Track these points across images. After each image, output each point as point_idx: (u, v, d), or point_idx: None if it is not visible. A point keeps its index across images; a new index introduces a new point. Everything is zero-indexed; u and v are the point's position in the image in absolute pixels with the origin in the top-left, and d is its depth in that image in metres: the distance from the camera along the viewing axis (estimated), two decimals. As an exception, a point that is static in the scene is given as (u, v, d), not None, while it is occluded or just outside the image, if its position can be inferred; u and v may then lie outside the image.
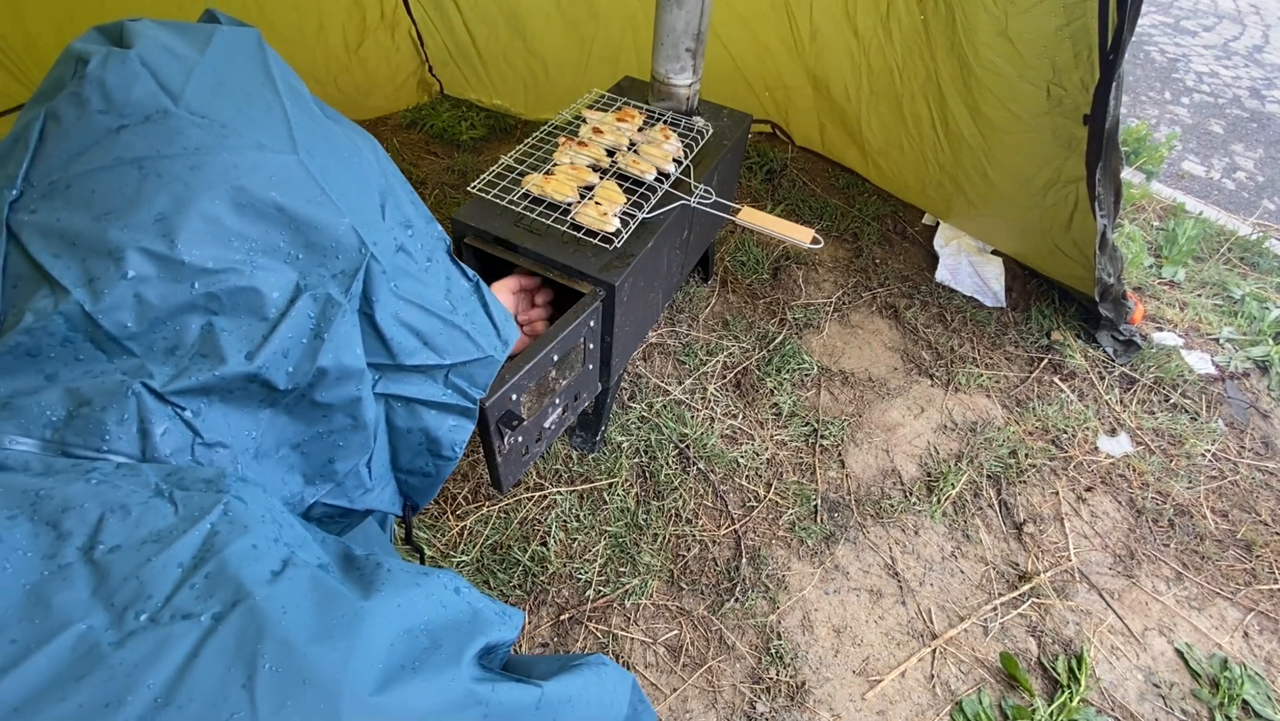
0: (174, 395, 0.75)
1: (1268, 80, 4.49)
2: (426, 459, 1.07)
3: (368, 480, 1.02)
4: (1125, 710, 1.61)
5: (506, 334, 1.12)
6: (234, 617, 0.58)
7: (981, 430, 2.15)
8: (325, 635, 0.62)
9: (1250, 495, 2.06)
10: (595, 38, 2.93)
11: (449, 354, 1.02)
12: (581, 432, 1.98)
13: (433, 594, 0.74)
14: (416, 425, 1.04)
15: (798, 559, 1.82)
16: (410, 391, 1.01)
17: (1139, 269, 2.76)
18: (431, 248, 1.05)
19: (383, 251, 0.92)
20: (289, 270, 0.82)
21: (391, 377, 0.98)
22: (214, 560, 0.61)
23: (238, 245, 0.79)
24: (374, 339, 0.93)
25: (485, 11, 2.95)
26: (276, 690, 0.55)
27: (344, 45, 2.95)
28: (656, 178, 1.76)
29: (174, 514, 0.64)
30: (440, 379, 1.04)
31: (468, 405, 1.06)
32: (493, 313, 1.12)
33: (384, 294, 0.93)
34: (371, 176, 0.97)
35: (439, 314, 1.01)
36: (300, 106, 0.91)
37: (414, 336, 0.98)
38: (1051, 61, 1.94)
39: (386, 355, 0.95)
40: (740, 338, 2.35)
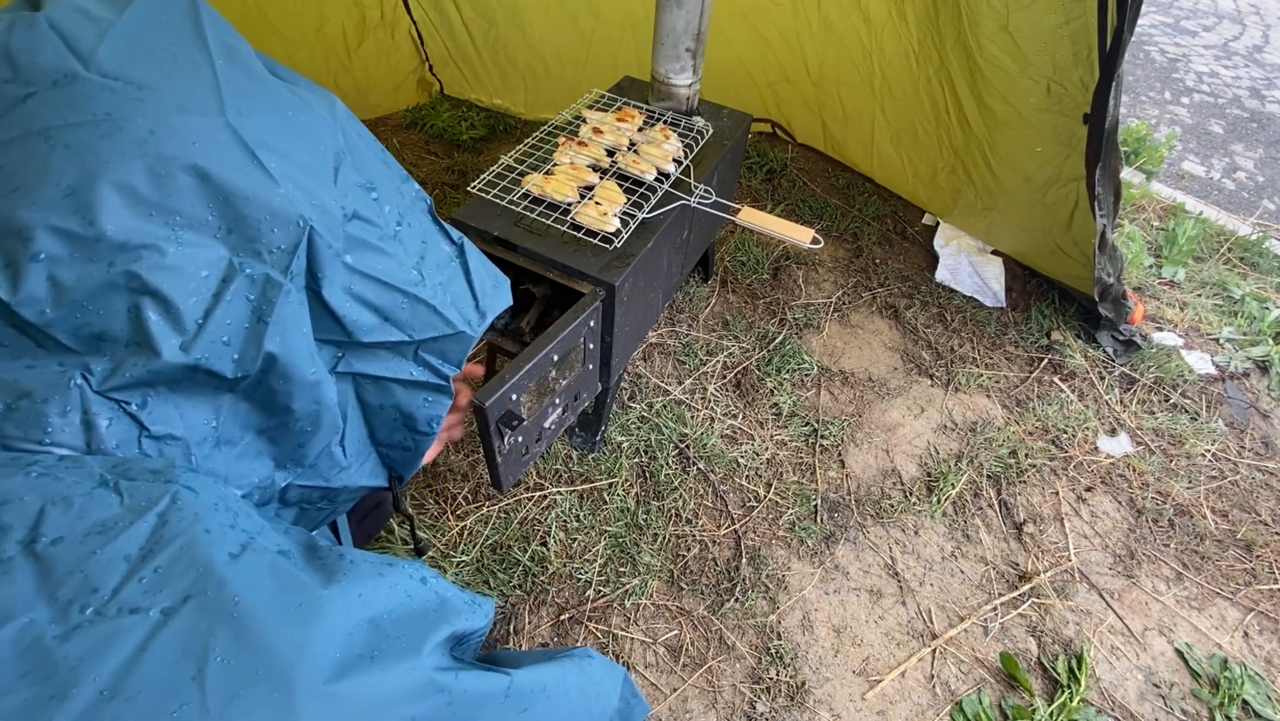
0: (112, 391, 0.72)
1: (1268, 80, 4.49)
2: (404, 434, 1.04)
3: (342, 459, 0.99)
4: (1125, 710, 1.61)
5: (487, 304, 1.05)
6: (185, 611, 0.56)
7: (981, 430, 2.15)
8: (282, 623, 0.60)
9: (1250, 495, 2.06)
10: (595, 32, 2.93)
11: (414, 330, 0.95)
12: (581, 432, 1.98)
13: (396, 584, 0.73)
14: (389, 402, 1.00)
15: (798, 559, 1.82)
16: (376, 369, 0.96)
17: (1139, 269, 2.76)
18: (404, 210, 0.98)
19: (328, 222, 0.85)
20: (219, 247, 0.75)
21: (355, 355, 0.93)
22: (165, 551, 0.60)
23: (158, 219, 0.72)
24: (326, 317, 0.87)
25: (484, 7, 2.94)
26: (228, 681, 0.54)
27: (344, 45, 2.95)
28: (656, 178, 1.76)
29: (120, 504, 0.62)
30: (409, 355, 0.98)
31: (441, 382, 1.02)
32: (474, 281, 1.05)
33: (333, 268, 0.86)
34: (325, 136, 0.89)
35: (402, 287, 0.93)
36: (235, 64, 0.83)
37: (371, 312, 0.91)
38: (1052, 58, 1.94)
39: (342, 333, 0.89)
40: (740, 338, 2.35)
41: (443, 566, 1.70)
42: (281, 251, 0.80)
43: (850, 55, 2.67)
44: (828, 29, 2.65)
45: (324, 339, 0.89)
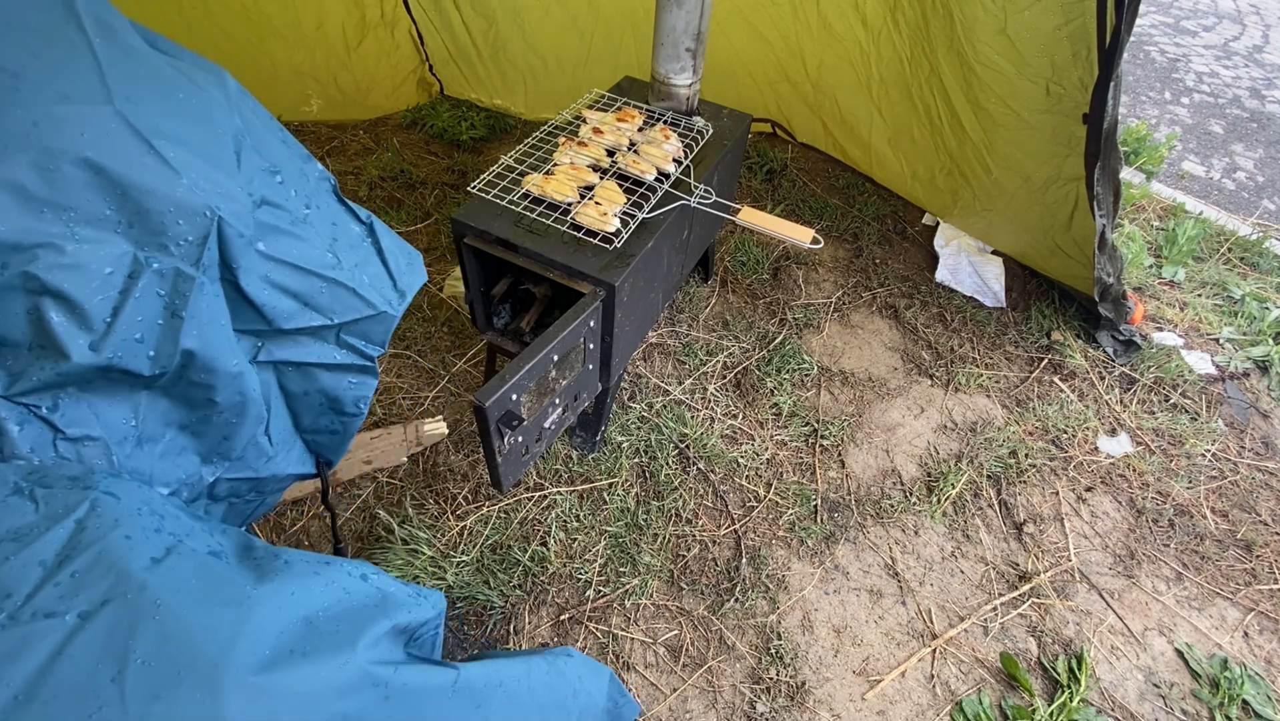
0: (19, 396, 0.70)
1: (1268, 80, 4.49)
2: (330, 417, 1.02)
3: (269, 448, 0.97)
4: (1125, 710, 1.61)
5: (405, 283, 1.04)
6: (103, 615, 0.56)
7: (981, 430, 2.15)
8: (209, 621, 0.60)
9: (1250, 495, 2.06)
10: (595, 32, 2.93)
11: (335, 313, 0.93)
12: (581, 432, 1.98)
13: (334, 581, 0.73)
14: (313, 387, 0.98)
15: (798, 559, 1.82)
16: (299, 355, 0.94)
17: (1139, 269, 2.76)
18: (310, 192, 0.94)
19: (237, 210, 0.81)
20: (121, 242, 0.72)
21: (275, 343, 0.91)
22: (82, 556, 0.59)
23: (51, 215, 0.68)
24: (244, 306, 0.85)
25: (485, 7, 2.94)
26: (150, 681, 0.54)
27: (344, 44, 2.95)
28: (656, 178, 1.76)
29: (35, 511, 0.62)
30: (331, 339, 0.96)
31: (366, 363, 1.01)
32: (388, 260, 1.02)
33: (247, 257, 0.83)
34: (220, 118, 0.83)
35: (319, 271, 0.90)
36: (114, 43, 0.76)
37: (290, 298, 0.88)
38: (1051, 60, 1.94)
39: (262, 322, 0.87)
40: (740, 337, 2.35)
41: (443, 566, 1.70)
42: (190, 244, 0.76)
43: (849, 56, 2.68)
44: (827, 30, 2.65)
45: (243, 329, 0.87)
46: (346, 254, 0.96)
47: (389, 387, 2.09)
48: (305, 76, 2.95)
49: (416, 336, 2.23)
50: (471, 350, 2.21)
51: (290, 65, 2.89)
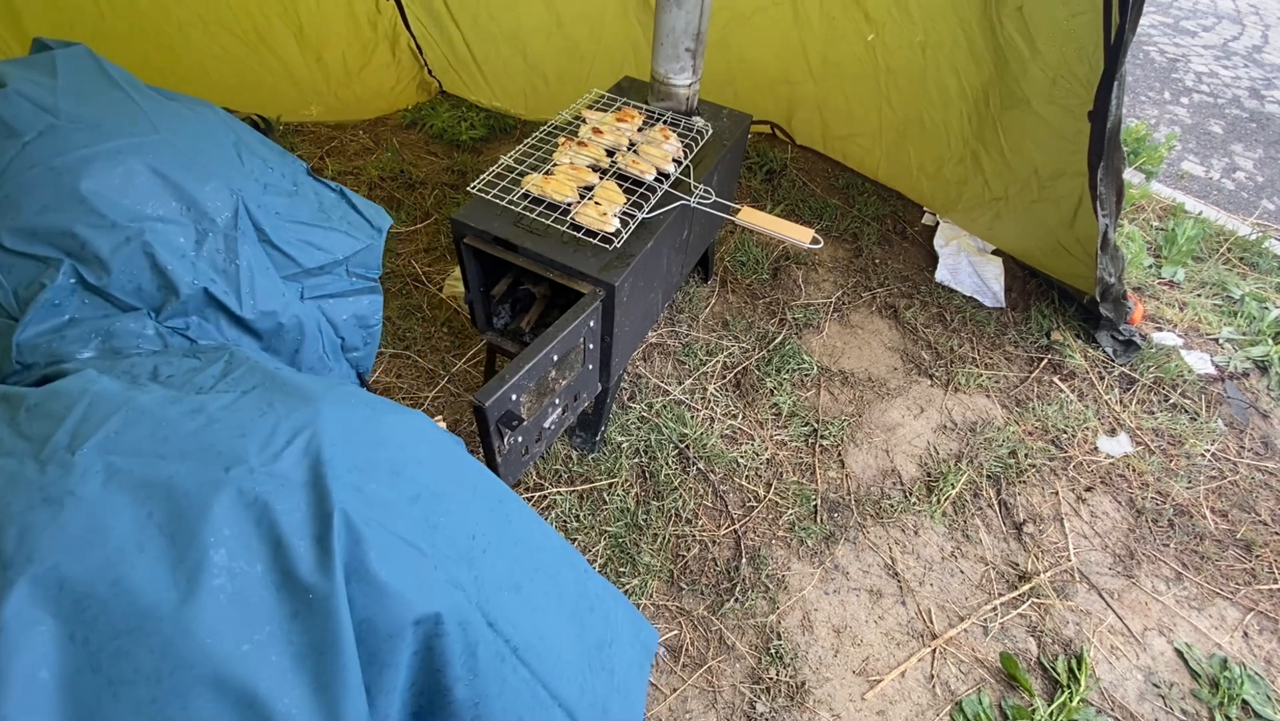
0: (167, 322, 1.14)
1: (1267, 80, 4.49)
2: (360, 333, 1.48)
3: (329, 361, 1.41)
4: (1125, 710, 1.61)
5: (379, 223, 1.48)
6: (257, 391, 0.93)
7: (981, 430, 2.15)
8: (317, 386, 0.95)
9: (1250, 495, 2.06)
10: (596, 56, 2.94)
11: (338, 249, 1.36)
12: (581, 432, 1.97)
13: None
14: (348, 312, 1.43)
15: (798, 559, 1.82)
16: (328, 289, 1.37)
17: (1139, 269, 2.76)
18: (294, 175, 1.38)
19: (251, 192, 1.25)
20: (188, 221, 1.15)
21: (310, 284, 1.34)
22: (236, 371, 0.97)
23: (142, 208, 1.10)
24: (280, 256, 1.29)
25: (486, 30, 2.95)
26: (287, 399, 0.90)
27: (344, 69, 2.97)
28: (656, 178, 1.76)
29: (199, 361, 1.01)
30: (342, 273, 1.39)
31: (372, 284, 1.46)
32: (361, 209, 1.47)
33: (271, 222, 1.26)
34: (221, 134, 1.30)
35: (318, 224, 1.34)
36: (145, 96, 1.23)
37: (307, 245, 1.31)
38: (1060, 52, 1.96)
39: (294, 265, 1.30)
40: (740, 337, 2.35)
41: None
42: (228, 219, 1.21)
43: (853, 51, 2.67)
44: (830, 27, 2.65)
45: (286, 275, 1.30)
46: (332, 211, 1.38)
47: (389, 387, 2.09)
48: (308, 91, 2.96)
49: (416, 336, 2.23)
50: (471, 350, 2.21)
51: (291, 81, 2.90)
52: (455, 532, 0.91)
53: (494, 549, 0.96)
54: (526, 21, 2.88)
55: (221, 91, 2.73)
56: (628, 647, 1.21)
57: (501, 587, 0.93)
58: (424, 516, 0.88)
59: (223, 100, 2.65)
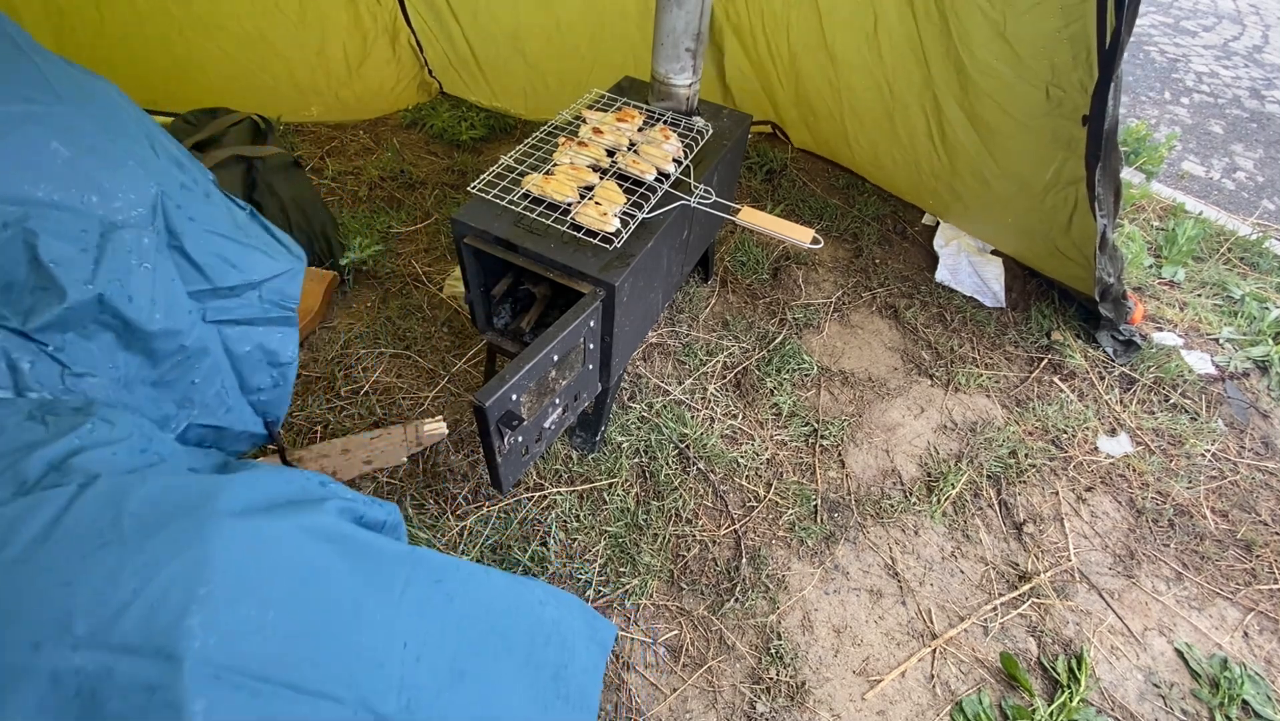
0: (36, 332, 0.89)
1: (1267, 80, 4.49)
2: (268, 372, 1.25)
3: (227, 398, 1.20)
4: (1125, 710, 1.61)
5: (296, 250, 1.29)
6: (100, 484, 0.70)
7: (981, 430, 2.15)
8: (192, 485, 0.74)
9: (1250, 495, 2.06)
10: (596, 60, 2.94)
11: (255, 271, 1.17)
12: (581, 433, 1.98)
13: (293, 480, 0.87)
14: (252, 344, 1.21)
15: (798, 559, 1.82)
16: (235, 313, 1.17)
17: (1139, 269, 2.76)
18: (204, 184, 1.17)
19: (170, 188, 1.04)
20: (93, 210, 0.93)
21: (214, 305, 1.13)
22: (81, 456, 0.74)
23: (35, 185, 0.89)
24: (189, 267, 1.07)
25: (486, 29, 2.95)
26: (142, 523, 0.67)
27: (345, 66, 2.97)
28: (656, 178, 1.76)
29: (45, 431, 0.78)
30: (255, 298, 1.20)
31: (287, 315, 1.25)
32: (276, 234, 1.28)
33: (185, 226, 1.06)
34: (131, 120, 1.08)
35: (235, 238, 1.15)
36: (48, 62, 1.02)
37: (221, 261, 1.12)
38: (1050, 62, 1.94)
39: (204, 280, 1.10)
40: (740, 337, 2.35)
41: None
42: (143, 214, 0.99)
43: (821, 90, 2.72)
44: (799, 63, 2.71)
45: (192, 290, 1.09)
46: (245, 228, 1.20)
47: (389, 387, 2.09)
48: (307, 91, 2.96)
49: (416, 336, 2.24)
50: (471, 350, 2.21)
51: (291, 82, 2.90)
52: (379, 653, 0.79)
53: (431, 646, 0.86)
54: (527, 20, 2.89)
55: (222, 92, 2.73)
56: (583, 654, 1.17)
57: (442, 689, 0.84)
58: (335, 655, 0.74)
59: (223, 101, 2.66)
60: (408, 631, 0.83)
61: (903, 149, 2.64)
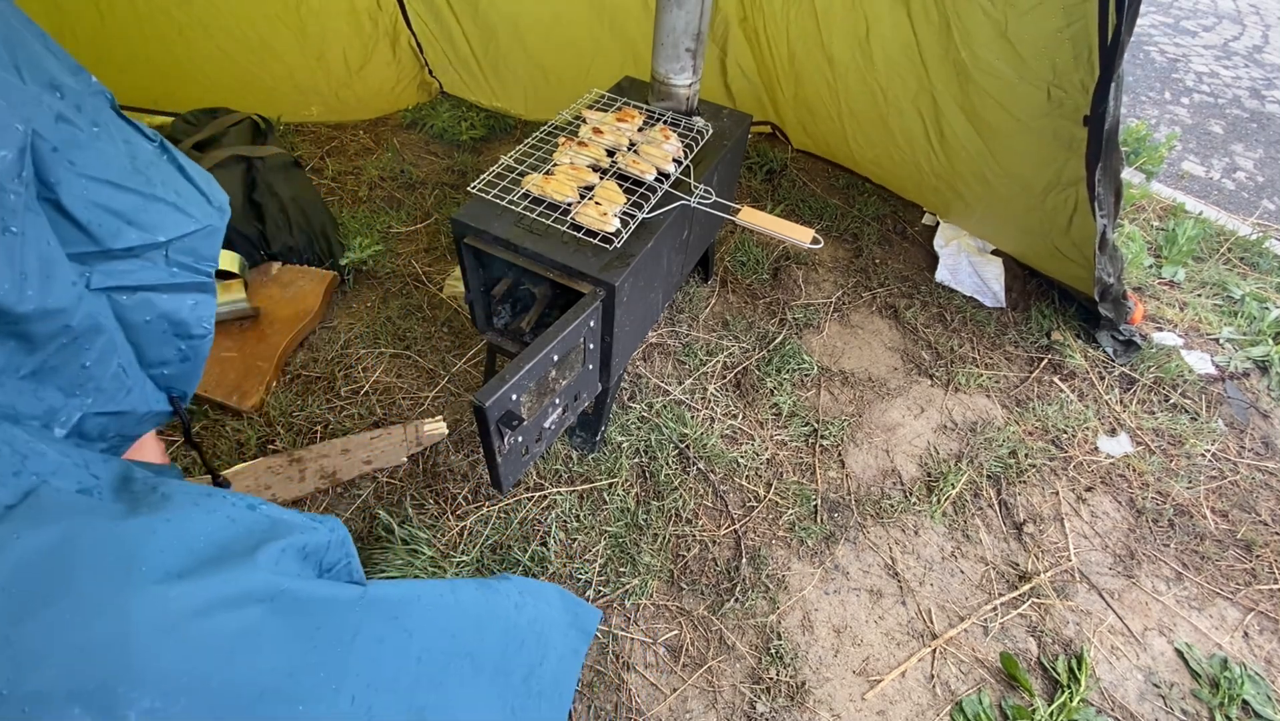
0: None
1: (1267, 80, 4.49)
2: (175, 345, 1.00)
3: (125, 378, 0.96)
4: (1125, 710, 1.61)
5: (217, 200, 1.01)
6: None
7: (981, 430, 2.15)
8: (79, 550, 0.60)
9: (1250, 495, 2.06)
10: (595, 55, 2.94)
11: (160, 229, 0.90)
12: (581, 433, 1.98)
13: (216, 510, 0.73)
14: (154, 314, 0.94)
15: (798, 559, 1.82)
16: (131, 280, 0.90)
17: (1139, 269, 2.76)
18: (93, 109, 0.89)
19: (42, 123, 0.77)
20: None
21: (104, 269, 0.87)
22: None
23: None
24: (68, 225, 0.81)
25: (485, 22, 2.95)
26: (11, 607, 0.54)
27: (345, 69, 2.97)
28: (656, 178, 1.76)
29: None
30: (160, 260, 0.93)
31: (202, 278, 0.98)
32: (193, 177, 0.99)
33: (63, 174, 0.79)
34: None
35: (134, 188, 0.88)
36: None
37: (114, 216, 0.85)
38: (1052, 63, 1.94)
39: (89, 241, 0.83)
40: (740, 337, 2.35)
41: (443, 566, 1.70)
42: (8, 160, 0.73)
43: (820, 92, 2.72)
44: (798, 64, 2.70)
45: (72, 253, 0.83)
46: (151, 170, 0.94)
47: (389, 387, 2.09)
48: (307, 91, 2.96)
49: (416, 336, 2.24)
50: (471, 350, 2.21)
51: (291, 82, 2.90)
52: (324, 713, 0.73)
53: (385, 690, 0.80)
54: (527, 20, 2.89)
55: (222, 92, 2.73)
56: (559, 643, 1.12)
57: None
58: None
59: (223, 101, 2.66)
60: (357, 684, 0.76)
61: (900, 150, 2.64)
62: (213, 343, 1.04)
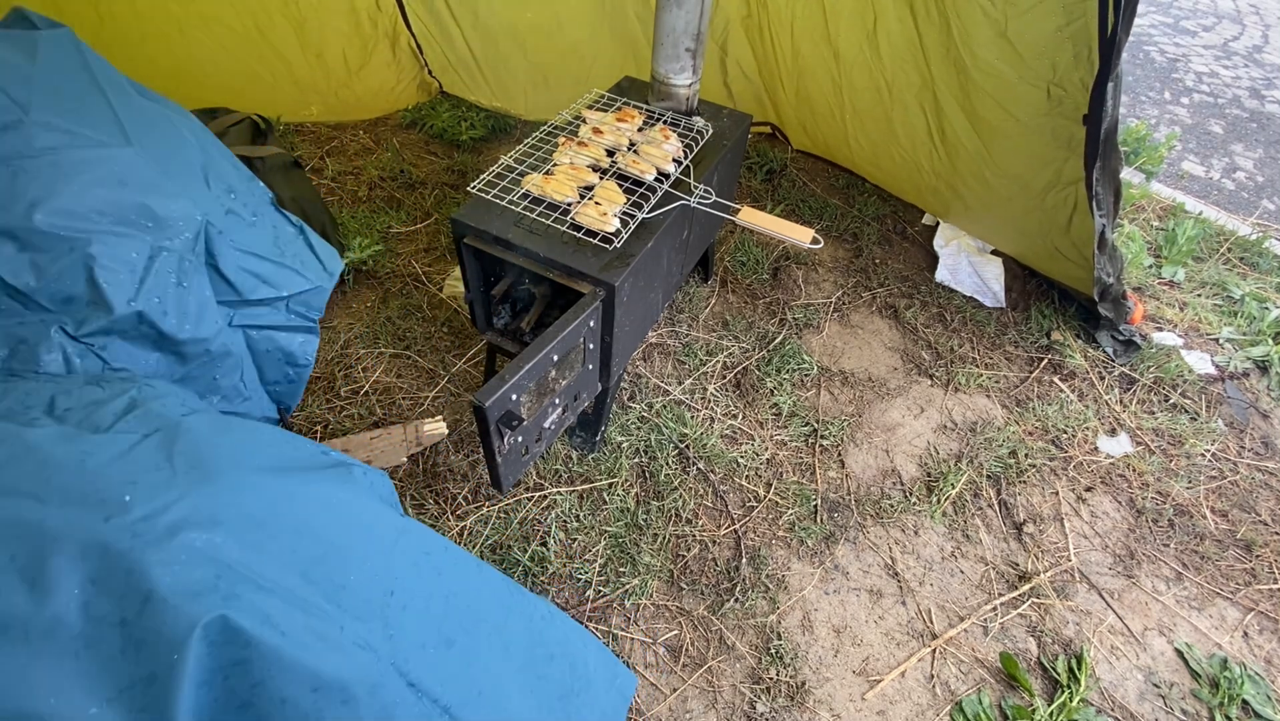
0: (85, 337, 1.09)
1: (1267, 80, 4.49)
2: (286, 370, 1.45)
3: (244, 390, 1.38)
4: (1125, 710, 1.61)
5: (331, 267, 1.49)
6: (157, 436, 0.90)
7: (981, 430, 2.15)
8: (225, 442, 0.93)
9: (1250, 495, 2.06)
10: (597, 59, 2.94)
11: (284, 287, 1.36)
12: (581, 433, 1.97)
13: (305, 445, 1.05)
14: (273, 346, 1.40)
15: (798, 559, 1.82)
16: (261, 320, 1.35)
17: (1139, 269, 2.76)
18: (256, 204, 1.37)
19: (215, 216, 1.23)
20: (145, 237, 1.13)
21: (243, 312, 1.32)
22: (138, 411, 0.93)
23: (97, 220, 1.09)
24: (222, 283, 1.26)
25: (486, 27, 2.95)
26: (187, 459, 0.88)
27: (345, 68, 2.96)
28: (656, 178, 1.76)
29: (102, 392, 0.96)
30: (282, 308, 1.38)
31: (310, 324, 1.45)
32: (318, 251, 1.48)
33: (223, 248, 1.25)
34: (192, 153, 1.29)
35: (270, 258, 1.34)
36: (123, 98, 1.21)
37: (253, 277, 1.31)
38: (1052, 62, 1.94)
39: (234, 294, 1.29)
40: (740, 337, 2.35)
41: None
42: (188, 240, 1.18)
43: (824, 89, 2.72)
44: (803, 61, 2.70)
45: (222, 300, 1.27)
46: (286, 245, 1.38)
47: (389, 388, 2.09)
48: (307, 91, 2.96)
49: (416, 336, 2.23)
50: (471, 350, 2.21)
51: (291, 81, 2.90)
52: (368, 591, 0.88)
53: (417, 604, 0.92)
54: (527, 20, 2.88)
55: (222, 91, 2.72)
56: (601, 695, 1.18)
57: (427, 645, 0.91)
58: (328, 576, 0.85)
59: (223, 100, 2.65)
60: (396, 582, 0.92)
61: (902, 149, 2.64)
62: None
